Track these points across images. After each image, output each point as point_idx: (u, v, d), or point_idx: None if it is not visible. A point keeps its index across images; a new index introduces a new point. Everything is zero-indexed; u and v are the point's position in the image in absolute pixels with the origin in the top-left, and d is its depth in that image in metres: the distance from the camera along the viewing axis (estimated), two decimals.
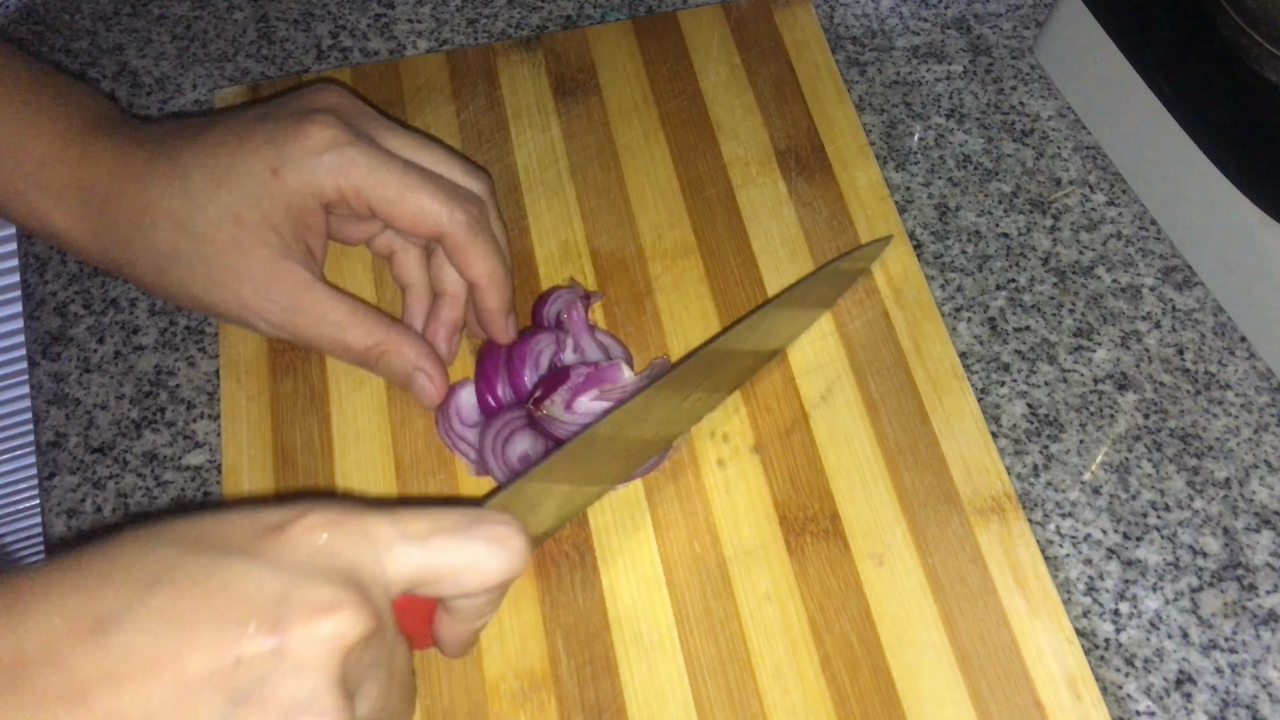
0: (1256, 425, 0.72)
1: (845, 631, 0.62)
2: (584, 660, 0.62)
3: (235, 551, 0.41)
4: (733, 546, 0.65)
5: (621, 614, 0.63)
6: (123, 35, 0.90)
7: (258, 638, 0.39)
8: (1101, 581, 0.67)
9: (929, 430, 0.68)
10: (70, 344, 0.76)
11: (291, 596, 0.40)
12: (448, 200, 0.63)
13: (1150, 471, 0.71)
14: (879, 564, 0.64)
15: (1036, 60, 0.87)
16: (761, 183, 0.78)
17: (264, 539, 0.42)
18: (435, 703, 0.61)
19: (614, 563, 0.65)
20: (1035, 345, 0.75)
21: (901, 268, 0.74)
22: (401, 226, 0.63)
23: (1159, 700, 0.64)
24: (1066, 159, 0.83)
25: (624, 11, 0.90)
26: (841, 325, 0.72)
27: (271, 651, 0.39)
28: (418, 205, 0.62)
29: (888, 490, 0.66)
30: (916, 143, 0.83)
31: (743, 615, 0.63)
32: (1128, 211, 0.80)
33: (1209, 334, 0.75)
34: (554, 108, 0.81)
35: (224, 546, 0.41)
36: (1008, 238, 0.79)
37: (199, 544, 0.41)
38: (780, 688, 0.61)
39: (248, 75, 0.87)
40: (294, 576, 0.41)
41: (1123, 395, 0.73)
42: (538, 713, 0.60)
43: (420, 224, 0.62)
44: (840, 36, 0.89)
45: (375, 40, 0.89)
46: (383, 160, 0.62)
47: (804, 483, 0.66)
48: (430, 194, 0.62)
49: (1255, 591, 0.67)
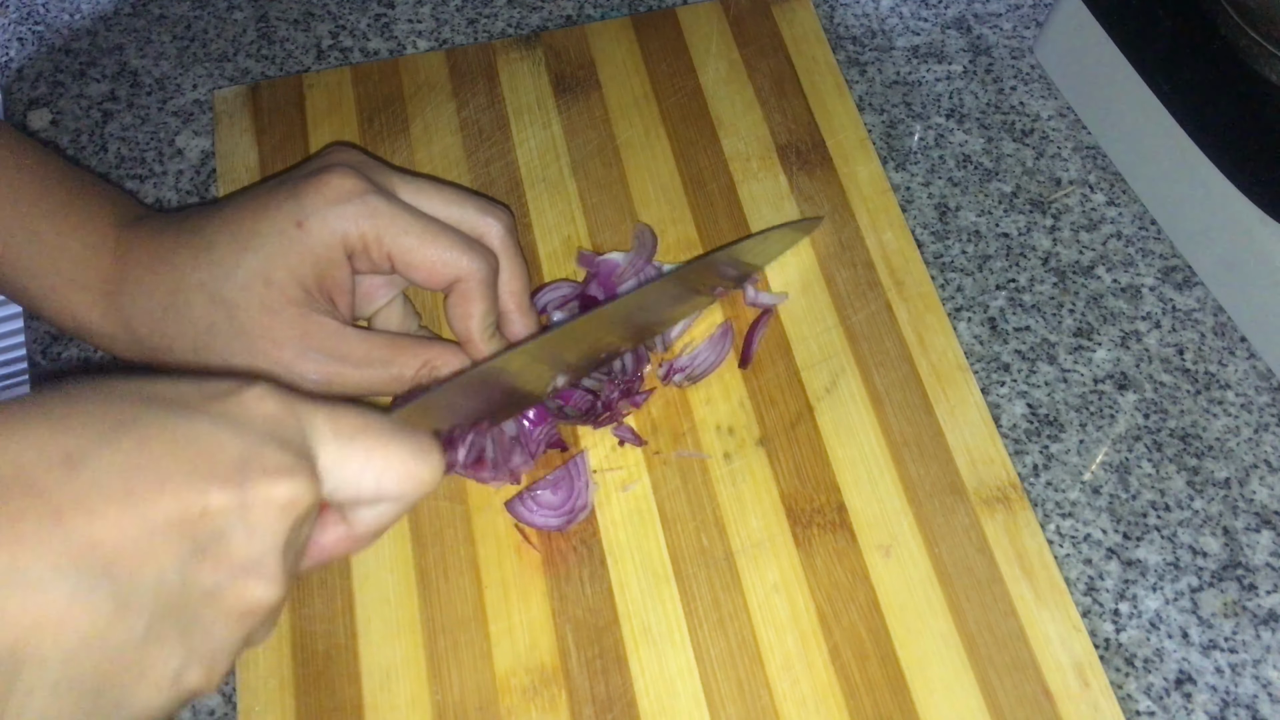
0: (1256, 425, 0.72)
1: (854, 622, 0.62)
2: (594, 654, 0.62)
3: (195, 410, 0.42)
4: (740, 539, 0.65)
5: (630, 608, 0.63)
6: (123, 35, 0.89)
7: (223, 491, 0.40)
8: (1101, 581, 0.67)
9: (934, 422, 0.68)
10: (70, 344, 0.76)
11: (252, 458, 0.42)
12: (467, 248, 0.63)
13: (1150, 471, 0.71)
14: (886, 555, 0.64)
15: (1036, 60, 0.88)
16: (763, 177, 0.78)
17: (218, 400, 0.43)
18: (446, 698, 0.61)
19: (622, 557, 0.65)
20: (1035, 345, 0.75)
21: (904, 260, 0.74)
22: (419, 274, 0.63)
23: (1159, 700, 0.64)
24: (1066, 159, 0.83)
25: (624, 10, 0.90)
26: (845, 319, 0.72)
27: (234, 506, 0.41)
28: (436, 254, 0.62)
29: (894, 482, 0.66)
30: (916, 143, 0.84)
31: (751, 607, 0.63)
32: (1128, 211, 0.81)
33: (1209, 334, 0.76)
34: (554, 104, 0.82)
35: (182, 404, 0.43)
36: (1008, 238, 0.79)
37: (157, 399, 0.42)
38: (790, 678, 0.61)
39: (248, 75, 0.87)
40: (254, 439, 0.42)
41: (1123, 395, 0.73)
42: (549, 707, 0.60)
43: (436, 273, 0.63)
44: (840, 36, 0.89)
45: (375, 40, 0.89)
46: (402, 209, 0.62)
47: (810, 475, 0.67)
48: (448, 244, 0.63)
49: (1255, 591, 0.67)
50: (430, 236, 0.62)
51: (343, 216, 0.61)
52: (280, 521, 0.42)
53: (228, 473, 0.41)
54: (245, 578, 0.42)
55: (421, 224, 0.62)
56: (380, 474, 0.48)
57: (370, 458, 0.47)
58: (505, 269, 0.66)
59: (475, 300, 0.64)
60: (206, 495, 0.40)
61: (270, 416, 0.44)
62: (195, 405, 0.43)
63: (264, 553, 0.42)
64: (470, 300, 0.64)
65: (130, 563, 0.39)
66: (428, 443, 0.49)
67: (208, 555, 0.40)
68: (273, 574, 0.42)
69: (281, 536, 0.42)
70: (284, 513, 0.42)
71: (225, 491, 0.41)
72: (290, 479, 0.42)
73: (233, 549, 0.41)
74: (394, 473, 0.48)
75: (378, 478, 0.48)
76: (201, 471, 0.40)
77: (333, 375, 0.62)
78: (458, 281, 0.63)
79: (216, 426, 0.42)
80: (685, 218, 0.76)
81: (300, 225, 0.61)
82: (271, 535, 0.42)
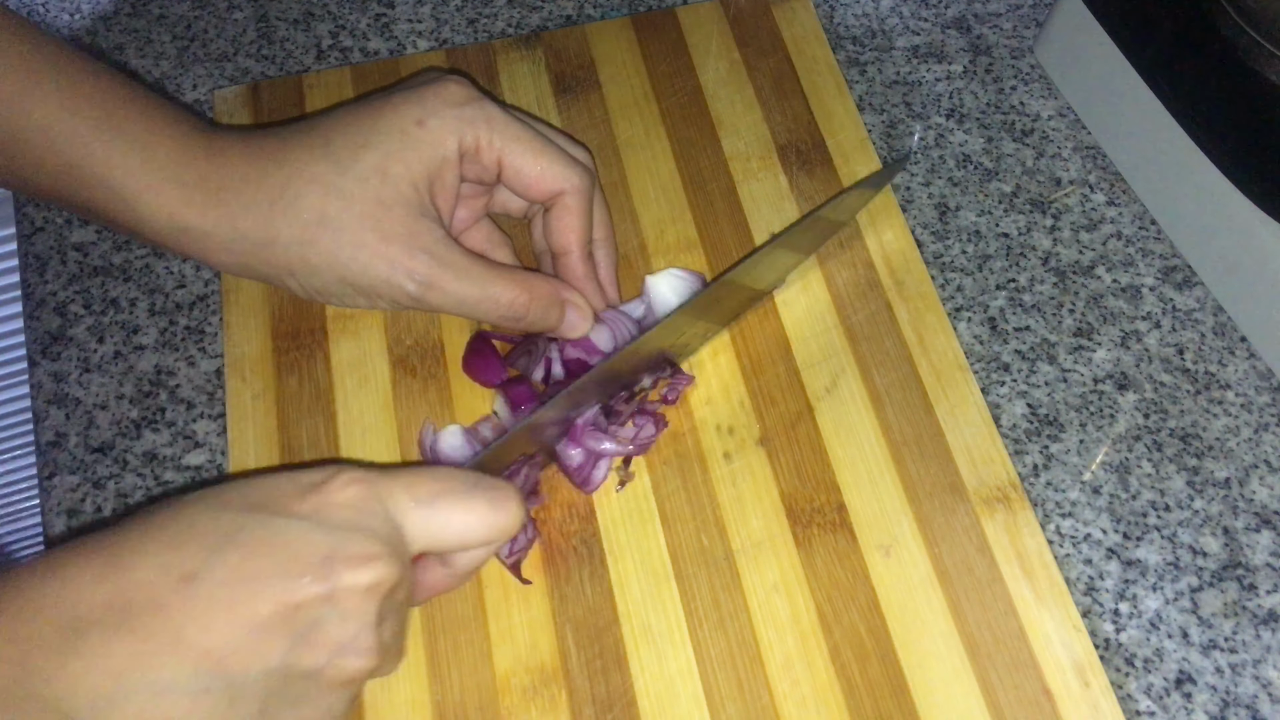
0: (1256, 425, 0.72)
1: (854, 622, 0.62)
2: (594, 654, 0.62)
3: (286, 513, 0.48)
4: (740, 539, 0.65)
5: (630, 607, 0.63)
6: (123, 35, 0.89)
7: (313, 586, 0.46)
8: (1101, 581, 0.67)
9: (934, 421, 0.68)
10: (70, 344, 0.76)
11: (337, 551, 0.47)
12: (571, 161, 0.67)
13: (1150, 471, 0.71)
14: (886, 555, 0.64)
15: (1036, 60, 0.88)
16: (763, 177, 0.78)
17: (307, 498, 0.48)
18: (446, 698, 0.61)
19: (622, 557, 0.65)
20: (1035, 345, 0.75)
21: (904, 260, 0.74)
22: (525, 183, 0.67)
23: (1159, 700, 0.64)
24: (1066, 159, 0.83)
25: (624, 10, 0.90)
26: (845, 318, 0.72)
27: (324, 598, 0.46)
28: (546, 162, 0.66)
29: (894, 481, 0.66)
30: (916, 143, 0.84)
31: (751, 607, 0.63)
32: (1128, 211, 0.81)
33: (1209, 334, 0.76)
34: (554, 105, 0.82)
35: (276, 508, 0.48)
36: (1008, 238, 0.79)
37: (255, 507, 0.48)
38: (790, 679, 0.61)
39: (248, 75, 0.87)
40: (338, 534, 0.47)
41: (1123, 395, 0.73)
42: (549, 707, 0.60)
43: (544, 181, 0.66)
44: (840, 36, 0.89)
45: (375, 40, 0.89)
46: (515, 118, 0.66)
47: (810, 475, 0.67)
48: (557, 154, 0.66)
49: (1255, 591, 0.67)
50: (540, 145, 0.66)
51: (461, 118, 0.65)
52: (368, 603, 0.47)
53: (316, 569, 0.46)
54: (342, 656, 0.47)
55: (532, 133, 0.66)
56: (463, 529, 0.52)
57: (451, 517, 0.51)
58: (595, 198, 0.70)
59: (577, 214, 0.68)
60: (298, 591, 0.45)
61: (353, 504, 0.49)
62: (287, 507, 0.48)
63: (357, 632, 0.47)
64: (572, 213, 0.67)
65: (240, 660, 0.45)
66: (504, 492, 0.53)
67: (306, 642, 0.46)
68: (367, 648, 0.48)
69: (371, 615, 0.47)
70: (370, 594, 0.47)
71: (315, 585, 0.46)
72: (371, 565, 0.47)
73: (328, 633, 0.46)
74: (476, 526, 0.52)
75: (461, 533, 0.52)
76: (294, 571, 0.46)
77: (434, 279, 0.64)
78: (561, 195, 0.67)
79: (305, 527, 0.47)
80: (685, 218, 0.76)
81: (420, 124, 0.64)
82: (361, 616, 0.47)
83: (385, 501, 0.50)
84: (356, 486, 0.49)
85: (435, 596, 0.57)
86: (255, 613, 0.45)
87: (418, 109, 0.65)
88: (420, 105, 0.65)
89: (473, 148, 0.65)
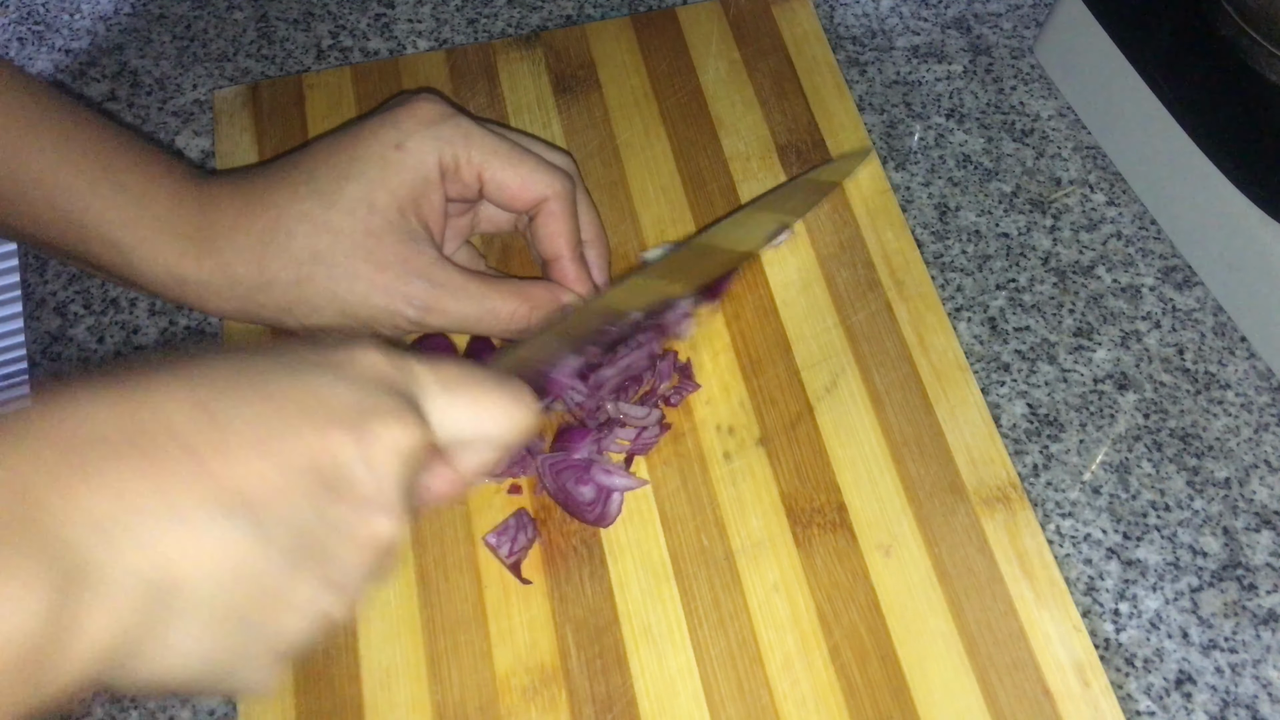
0: (1256, 425, 0.72)
1: (854, 622, 0.62)
2: (594, 654, 0.62)
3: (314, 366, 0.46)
4: (740, 539, 0.65)
5: (631, 607, 0.63)
6: (123, 35, 0.89)
7: (344, 435, 0.44)
8: (1101, 581, 0.67)
9: (934, 421, 0.68)
10: (70, 344, 0.76)
11: (368, 405, 0.45)
12: (550, 168, 0.68)
13: (1150, 471, 0.71)
14: (886, 554, 0.64)
15: (1036, 60, 0.88)
16: (763, 177, 0.78)
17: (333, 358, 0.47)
18: (446, 698, 0.61)
19: (622, 557, 0.65)
20: (1035, 345, 0.75)
21: (904, 260, 0.74)
22: (507, 194, 0.67)
23: (1159, 700, 0.64)
24: (1066, 159, 0.83)
25: (624, 10, 0.90)
26: (845, 318, 0.72)
27: (355, 448, 0.44)
28: (526, 172, 0.67)
29: (894, 481, 0.66)
30: (916, 142, 0.84)
31: (751, 607, 0.63)
32: (1128, 211, 0.81)
33: (1209, 334, 0.76)
34: (554, 104, 0.82)
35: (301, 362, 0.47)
36: (1008, 238, 0.79)
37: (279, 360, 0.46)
38: (790, 678, 0.61)
39: (248, 75, 0.87)
40: (368, 389, 0.46)
41: (1123, 395, 0.73)
42: (549, 706, 0.60)
43: (526, 189, 0.67)
44: (840, 36, 0.89)
45: (375, 40, 0.89)
46: (490, 132, 0.67)
47: (810, 475, 0.67)
48: (535, 163, 0.67)
49: (1255, 591, 0.67)
50: (519, 156, 0.67)
51: (439, 137, 0.65)
52: (396, 460, 0.45)
53: (347, 419, 0.44)
54: (370, 512, 0.45)
55: (509, 145, 0.67)
56: (481, 417, 0.51)
57: (471, 402, 0.51)
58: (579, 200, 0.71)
59: (562, 218, 0.68)
60: (330, 440, 0.44)
61: (379, 370, 0.48)
62: (313, 363, 0.47)
63: (385, 489, 0.45)
64: (557, 218, 0.68)
65: (269, 502, 0.42)
66: (521, 389, 0.52)
67: (336, 493, 0.44)
68: (393, 508, 0.46)
69: (399, 474, 0.46)
70: (399, 452, 0.46)
71: (347, 436, 0.44)
72: (402, 422, 0.46)
73: (357, 487, 0.44)
74: (494, 415, 0.51)
75: (479, 421, 0.51)
76: (324, 419, 0.44)
77: (432, 301, 0.65)
78: (545, 201, 0.67)
79: (334, 380, 0.46)
80: (685, 218, 0.76)
81: (399, 148, 0.65)
82: (390, 472, 0.45)
83: (409, 375, 0.49)
84: (382, 356, 0.48)
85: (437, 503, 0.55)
86: (284, 454, 0.43)
87: (394, 133, 0.65)
88: (396, 129, 0.65)
89: (453, 165, 0.66)
